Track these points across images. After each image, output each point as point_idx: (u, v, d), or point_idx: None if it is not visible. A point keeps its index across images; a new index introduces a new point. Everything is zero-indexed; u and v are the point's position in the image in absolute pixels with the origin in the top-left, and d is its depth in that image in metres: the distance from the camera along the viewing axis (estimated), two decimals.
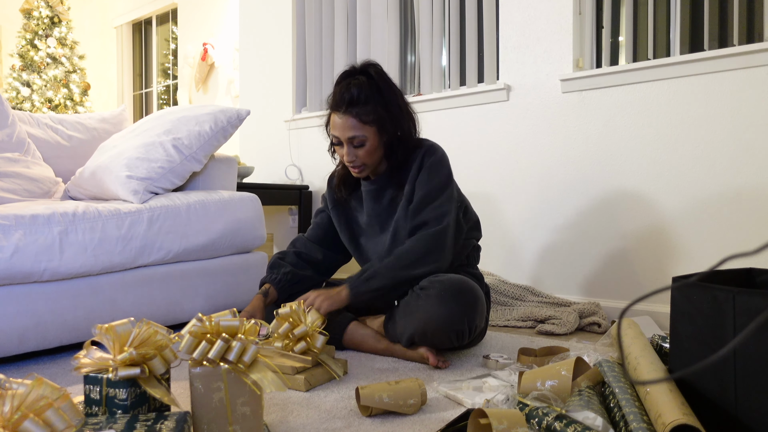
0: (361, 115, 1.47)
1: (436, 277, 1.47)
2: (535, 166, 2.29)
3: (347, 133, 1.49)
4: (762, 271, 1.05)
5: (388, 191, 1.61)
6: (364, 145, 1.50)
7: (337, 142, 1.53)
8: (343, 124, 1.48)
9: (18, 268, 1.48)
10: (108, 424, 0.81)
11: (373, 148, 1.51)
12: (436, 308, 1.40)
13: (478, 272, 1.71)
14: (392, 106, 1.51)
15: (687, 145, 1.93)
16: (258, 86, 3.48)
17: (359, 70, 1.53)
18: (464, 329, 1.42)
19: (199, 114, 2.04)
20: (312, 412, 1.14)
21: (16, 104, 4.85)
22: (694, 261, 1.92)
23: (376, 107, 1.48)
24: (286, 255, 1.71)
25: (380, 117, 1.49)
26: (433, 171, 1.54)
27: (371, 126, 1.49)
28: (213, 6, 4.33)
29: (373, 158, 1.54)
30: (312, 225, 1.78)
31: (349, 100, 1.47)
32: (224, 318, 0.94)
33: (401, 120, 1.54)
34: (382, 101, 1.49)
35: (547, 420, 0.92)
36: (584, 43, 2.20)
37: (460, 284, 1.43)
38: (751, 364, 0.83)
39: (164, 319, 1.84)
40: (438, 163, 1.55)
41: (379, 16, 2.83)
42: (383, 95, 1.50)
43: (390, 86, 1.53)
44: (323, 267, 1.74)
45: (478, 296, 1.45)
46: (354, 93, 1.47)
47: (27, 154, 2.17)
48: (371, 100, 1.48)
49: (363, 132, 1.49)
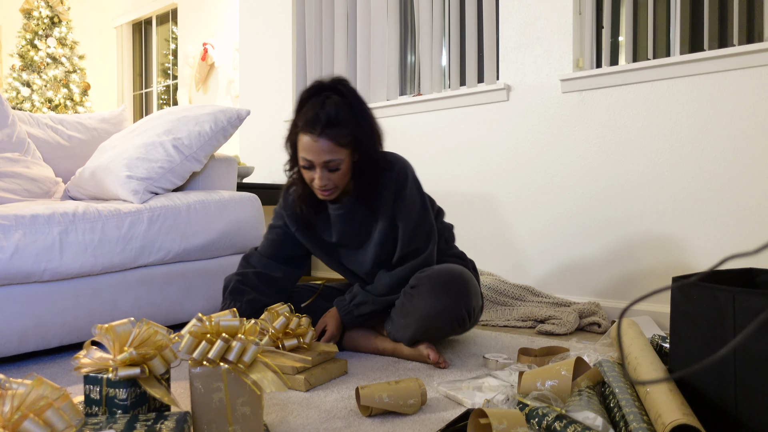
0: (337, 138, 1.38)
1: (422, 272, 1.49)
2: (535, 166, 2.29)
3: (323, 156, 1.39)
4: (762, 271, 1.05)
5: (358, 214, 1.54)
6: (339, 168, 1.42)
7: (307, 165, 1.42)
8: (319, 148, 1.38)
9: (18, 268, 1.48)
10: (108, 424, 0.81)
11: (346, 170, 1.44)
12: (431, 304, 1.42)
13: (457, 251, 1.72)
14: (365, 125, 1.44)
15: (687, 145, 1.93)
16: (258, 86, 3.48)
17: (329, 86, 1.44)
18: (463, 316, 1.46)
19: (199, 114, 2.04)
20: (312, 412, 1.14)
21: (16, 104, 4.85)
22: (693, 261, 1.92)
23: (351, 129, 1.40)
24: (246, 277, 1.61)
25: (355, 138, 1.42)
26: (411, 197, 1.53)
27: (346, 148, 1.41)
28: (213, 6, 4.33)
29: (344, 181, 1.46)
30: (267, 241, 1.67)
31: (326, 122, 1.37)
32: (224, 318, 0.94)
33: (373, 139, 1.48)
34: (356, 122, 1.42)
35: (547, 420, 0.92)
36: (584, 43, 2.20)
37: (449, 274, 1.45)
38: (751, 364, 0.83)
39: (164, 319, 1.84)
40: (413, 187, 1.53)
41: (379, 16, 2.83)
42: (356, 115, 1.42)
43: (361, 104, 1.45)
44: (283, 286, 1.65)
45: (468, 280, 1.47)
46: (332, 114, 1.37)
47: (27, 154, 2.17)
48: (348, 120, 1.40)
49: (339, 155, 1.40)
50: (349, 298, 1.56)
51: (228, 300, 1.58)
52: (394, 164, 1.53)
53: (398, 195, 1.51)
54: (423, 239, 1.54)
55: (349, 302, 1.56)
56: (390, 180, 1.51)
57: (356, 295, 1.55)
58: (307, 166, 1.43)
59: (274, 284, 1.63)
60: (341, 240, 1.60)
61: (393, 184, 1.51)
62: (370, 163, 1.48)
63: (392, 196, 1.51)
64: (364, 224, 1.56)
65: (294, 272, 1.68)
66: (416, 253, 1.54)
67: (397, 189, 1.51)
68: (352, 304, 1.55)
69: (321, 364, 1.34)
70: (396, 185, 1.51)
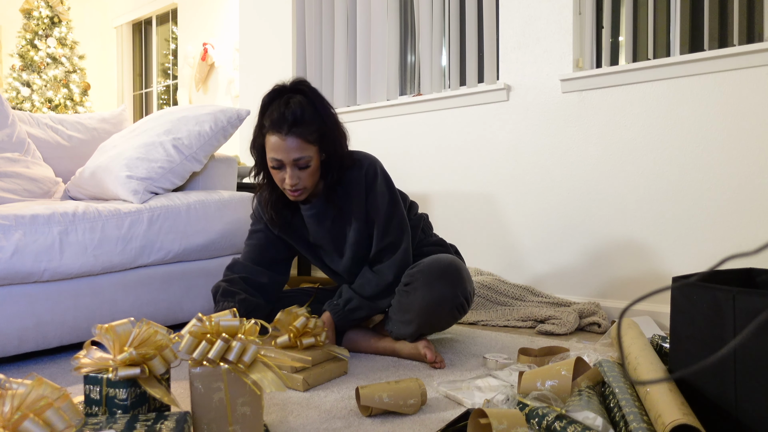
0: (305, 135, 1.41)
1: (413, 268, 1.52)
2: (535, 166, 2.29)
3: (292, 154, 1.41)
4: (762, 271, 1.05)
5: (328, 214, 1.56)
6: (309, 166, 1.44)
7: (277, 165, 1.44)
8: (288, 146, 1.40)
9: (18, 268, 1.48)
10: (108, 424, 0.81)
11: (315, 168, 1.46)
12: (430, 296, 1.45)
13: (437, 238, 1.74)
14: (330, 123, 1.47)
15: (687, 145, 1.93)
16: (258, 86, 3.48)
17: (291, 88, 1.47)
18: (462, 301, 1.49)
19: (199, 114, 2.04)
20: (312, 412, 1.14)
21: (16, 104, 4.85)
22: (693, 261, 1.92)
23: (318, 126, 1.43)
24: (233, 282, 1.59)
25: (321, 135, 1.44)
26: (381, 192, 1.54)
27: (314, 145, 1.44)
28: (213, 6, 4.33)
29: (313, 179, 1.48)
30: (248, 247, 1.67)
31: (292, 121, 1.40)
32: (224, 318, 0.94)
33: (338, 137, 1.50)
34: (320, 119, 1.44)
35: (547, 420, 0.92)
36: (584, 43, 2.20)
37: (441, 265, 1.48)
38: (751, 364, 0.83)
39: (164, 319, 1.84)
40: (382, 183, 1.55)
41: (379, 16, 2.83)
42: (320, 113, 1.45)
43: (324, 103, 1.48)
44: (269, 292, 1.64)
45: (459, 266, 1.50)
46: (297, 112, 1.40)
47: (27, 154, 2.17)
48: (313, 118, 1.43)
49: (307, 152, 1.42)
50: (343, 303, 1.55)
51: (221, 302, 1.56)
52: (363, 162, 1.55)
53: (369, 191, 1.54)
54: (396, 232, 1.55)
55: (342, 307, 1.55)
56: (360, 178, 1.53)
57: (350, 299, 1.54)
58: (277, 166, 1.44)
59: (261, 289, 1.62)
60: (317, 240, 1.62)
61: (363, 181, 1.53)
62: (337, 161, 1.50)
63: (363, 193, 1.53)
64: (336, 224, 1.58)
65: (278, 278, 1.67)
66: (392, 247, 1.55)
67: (367, 186, 1.54)
68: (347, 309, 1.54)
69: (321, 364, 1.34)
70: (366, 182, 1.54)
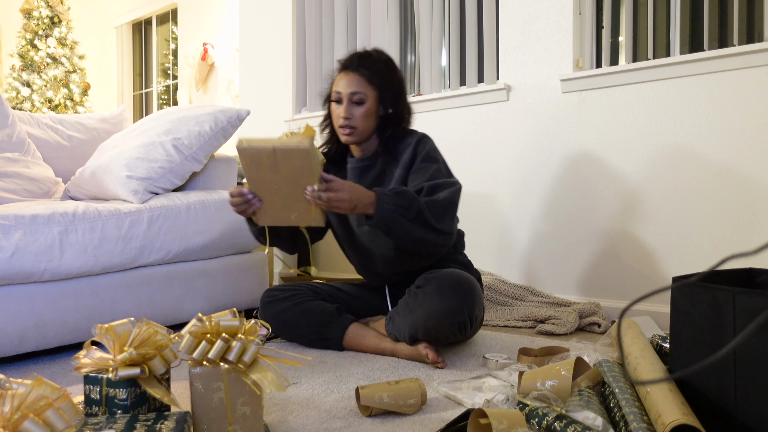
0: (368, 76, 1.55)
1: (430, 273, 1.51)
2: (535, 166, 2.29)
3: (350, 87, 1.54)
4: (762, 271, 1.05)
5: (372, 172, 1.63)
6: (363, 104, 1.54)
7: (336, 99, 1.57)
8: (349, 80, 1.55)
9: (18, 268, 1.48)
10: (108, 424, 0.81)
11: (369, 111, 1.55)
12: (436, 304, 1.43)
13: (466, 259, 1.73)
14: (394, 79, 1.60)
15: (687, 145, 1.93)
16: (258, 86, 3.48)
17: (371, 50, 1.63)
18: (466, 320, 1.45)
19: (199, 114, 2.04)
20: (312, 412, 1.14)
21: (16, 104, 4.85)
22: (693, 261, 1.92)
23: (382, 74, 1.57)
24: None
25: (384, 84, 1.56)
26: (432, 159, 1.56)
27: (374, 89, 1.55)
28: (213, 6, 4.33)
29: (366, 123, 1.56)
30: None
31: (358, 62, 1.56)
32: (224, 318, 0.94)
33: (400, 100, 1.60)
34: (386, 72, 1.58)
35: (547, 420, 0.92)
36: (584, 43, 2.20)
37: (457, 277, 1.47)
38: (751, 364, 0.83)
39: (164, 319, 1.84)
40: (435, 152, 1.59)
41: (379, 16, 2.83)
42: (389, 68, 1.60)
43: (396, 71, 1.62)
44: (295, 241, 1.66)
45: (475, 287, 1.49)
46: (366, 59, 1.57)
47: (27, 154, 2.17)
48: (378, 67, 1.57)
49: (366, 90, 1.54)
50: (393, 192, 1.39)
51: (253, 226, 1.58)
52: (417, 132, 1.64)
53: (415, 153, 1.57)
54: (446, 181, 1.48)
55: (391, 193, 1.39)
56: (410, 143, 1.59)
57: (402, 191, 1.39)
58: (336, 99, 1.57)
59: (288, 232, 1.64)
60: None
61: (412, 147, 1.58)
62: (394, 118, 1.59)
63: (410, 159, 1.57)
64: (375, 183, 1.61)
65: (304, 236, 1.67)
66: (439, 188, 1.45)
67: (415, 149, 1.58)
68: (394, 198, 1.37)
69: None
70: (416, 146, 1.58)
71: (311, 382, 1.34)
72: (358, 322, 1.65)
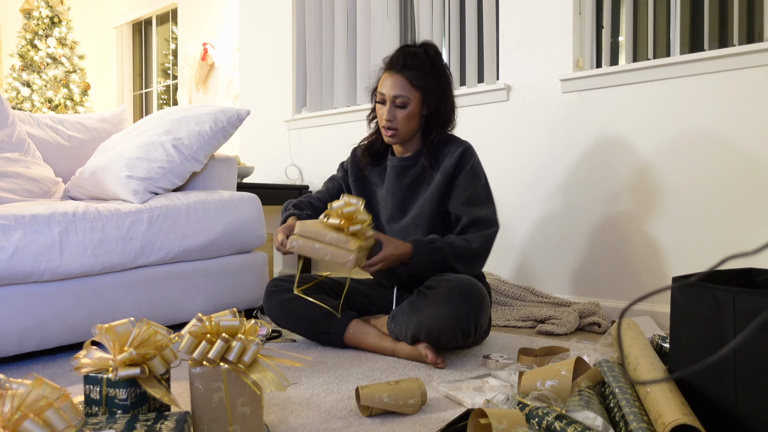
0: (411, 78, 1.55)
1: (442, 276, 1.50)
2: (535, 166, 2.29)
3: (394, 90, 1.56)
4: (762, 271, 1.05)
5: (412, 172, 1.65)
6: (406, 107, 1.56)
7: (381, 99, 1.59)
8: (393, 83, 1.56)
9: (18, 268, 1.48)
10: (108, 424, 0.81)
11: (412, 113, 1.57)
12: (443, 307, 1.42)
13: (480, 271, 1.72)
14: (441, 83, 1.60)
15: (687, 145, 1.93)
16: (258, 86, 3.48)
17: (419, 45, 1.62)
18: (470, 327, 1.44)
19: (199, 114, 2.04)
20: (312, 412, 1.14)
21: (16, 104, 4.85)
22: (693, 261, 1.92)
23: (426, 76, 1.56)
24: (302, 204, 1.75)
25: (428, 86, 1.57)
26: (476, 175, 1.59)
27: (417, 91, 1.56)
28: (213, 6, 4.33)
29: (409, 125, 1.59)
30: (324, 188, 1.83)
31: (403, 63, 1.57)
32: (224, 318, 0.94)
33: (445, 101, 1.61)
34: (434, 74, 1.58)
35: (547, 420, 0.92)
36: (584, 43, 2.20)
37: (467, 283, 1.46)
38: (751, 364, 0.83)
39: (164, 319, 1.84)
40: (479, 167, 1.62)
41: (379, 16, 2.83)
42: (434, 69, 1.59)
43: (443, 68, 1.61)
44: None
45: (483, 295, 1.48)
46: (411, 58, 1.57)
47: (27, 154, 2.17)
48: (423, 69, 1.56)
49: (408, 93, 1.56)
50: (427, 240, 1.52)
51: (290, 210, 1.71)
52: (463, 142, 1.64)
53: (461, 163, 1.59)
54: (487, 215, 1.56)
55: (426, 243, 1.51)
56: (455, 152, 1.60)
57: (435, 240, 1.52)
58: (380, 100, 1.60)
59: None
60: (387, 195, 1.68)
61: (456, 157, 1.59)
62: (439, 121, 1.61)
63: (452, 167, 1.59)
64: (414, 184, 1.64)
65: None
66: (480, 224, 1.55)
67: (459, 163, 1.59)
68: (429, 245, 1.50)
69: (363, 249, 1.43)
70: (460, 159, 1.59)
71: (311, 382, 1.34)
72: (361, 319, 1.65)
